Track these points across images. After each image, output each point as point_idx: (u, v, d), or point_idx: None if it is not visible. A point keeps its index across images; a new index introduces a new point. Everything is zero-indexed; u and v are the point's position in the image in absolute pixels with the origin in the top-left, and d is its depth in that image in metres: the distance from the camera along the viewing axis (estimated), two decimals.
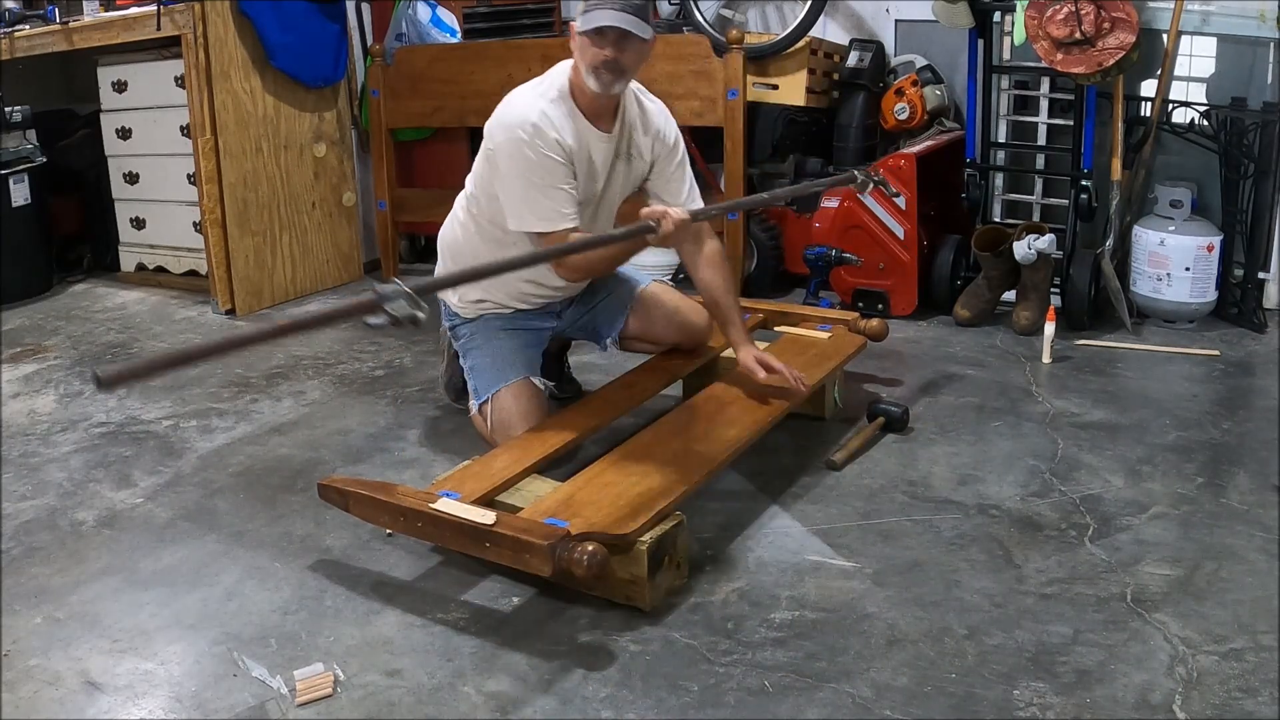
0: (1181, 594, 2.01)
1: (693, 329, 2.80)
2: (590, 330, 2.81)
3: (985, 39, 3.64)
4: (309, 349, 3.62)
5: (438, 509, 2.01)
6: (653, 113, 2.58)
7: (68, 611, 2.06)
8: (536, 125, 2.36)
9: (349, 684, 1.81)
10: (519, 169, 2.38)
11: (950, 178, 3.83)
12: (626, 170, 2.56)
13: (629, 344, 2.83)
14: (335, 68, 4.33)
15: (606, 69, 2.33)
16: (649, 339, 2.81)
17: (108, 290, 4.48)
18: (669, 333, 2.79)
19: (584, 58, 2.36)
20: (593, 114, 2.44)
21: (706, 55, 3.75)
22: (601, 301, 2.78)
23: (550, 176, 2.37)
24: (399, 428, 2.92)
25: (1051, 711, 1.69)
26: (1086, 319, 3.50)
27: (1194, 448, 2.64)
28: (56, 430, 2.98)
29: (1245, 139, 3.42)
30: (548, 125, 2.37)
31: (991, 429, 2.77)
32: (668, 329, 2.78)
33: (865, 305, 3.68)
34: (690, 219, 2.32)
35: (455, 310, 2.70)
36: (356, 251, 4.58)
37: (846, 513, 2.36)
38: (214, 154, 3.95)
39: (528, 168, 2.37)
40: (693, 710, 1.73)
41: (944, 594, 2.03)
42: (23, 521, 2.44)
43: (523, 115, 2.38)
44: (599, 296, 2.78)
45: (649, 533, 1.98)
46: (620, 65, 2.34)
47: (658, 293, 2.80)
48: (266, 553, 2.26)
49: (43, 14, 4.37)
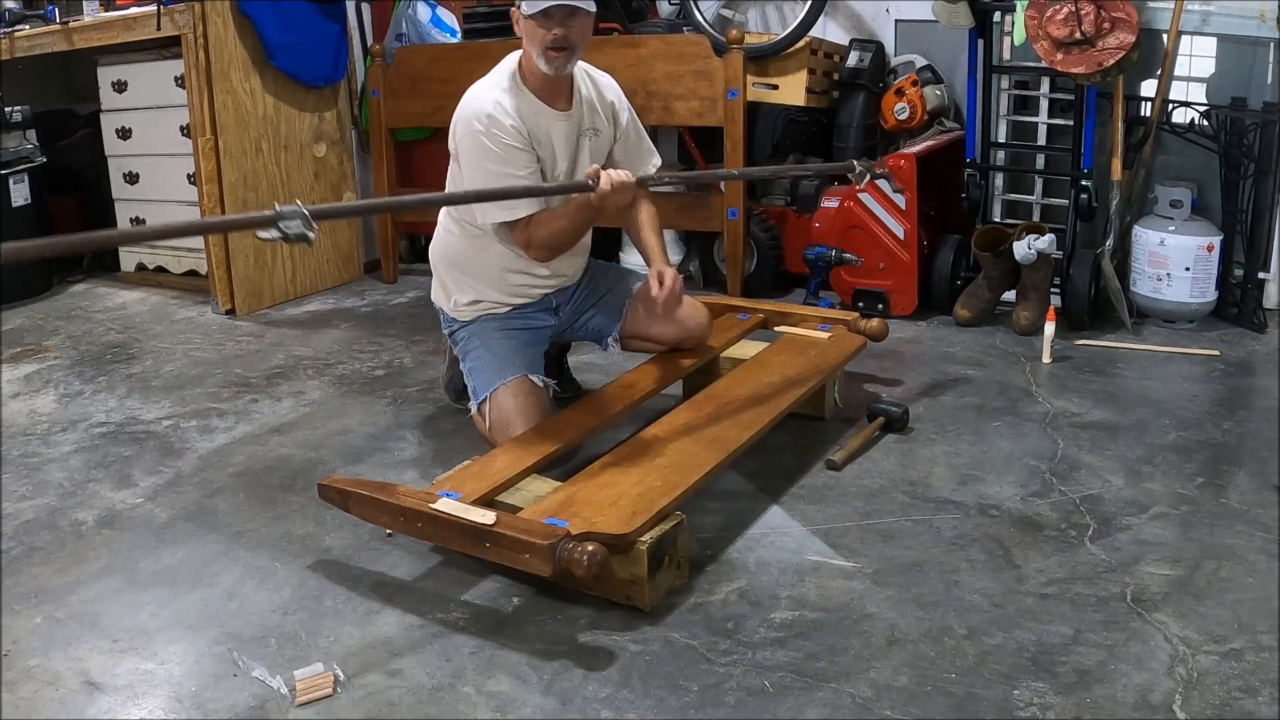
0: (1181, 594, 2.01)
1: (692, 328, 2.81)
2: (591, 330, 2.82)
3: (985, 39, 3.64)
4: (309, 349, 3.62)
5: (438, 509, 2.01)
6: (605, 85, 2.65)
7: (68, 611, 2.06)
8: (491, 115, 2.42)
9: (349, 684, 1.81)
10: (479, 161, 2.44)
11: (950, 178, 3.83)
12: (592, 146, 2.61)
13: (629, 343, 2.83)
14: (335, 68, 4.33)
15: (555, 48, 2.40)
16: (648, 338, 2.81)
17: (108, 290, 4.49)
18: (668, 330, 2.79)
19: (533, 41, 2.42)
20: (548, 96, 2.50)
21: (706, 55, 3.75)
22: (601, 300, 2.79)
23: (509, 165, 2.43)
24: (399, 428, 2.92)
25: (1051, 711, 1.69)
26: (1086, 319, 3.50)
27: (1194, 448, 2.64)
28: (56, 430, 2.98)
29: (1245, 139, 3.42)
30: (502, 114, 2.43)
31: (991, 429, 2.77)
32: (666, 327, 2.78)
33: (865, 305, 3.68)
34: (632, 182, 2.37)
35: (452, 315, 2.71)
36: (356, 251, 4.59)
37: (846, 513, 2.36)
38: (214, 154, 3.95)
39: (487, 158, 2.43)
40: (693, 710, 1.73)
41: (944, 594, 2.03)
42: (23, 521, 2.44)
43: (477, 108, 2.45)
44: (599, 294, 2.79)
45: (649, 533, 1.98)
46: (570, 41, 2.41)
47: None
48: (266, 553, 2.26)
49: (43, 14, 4.37)
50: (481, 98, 2.47)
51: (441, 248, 2.73)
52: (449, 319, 2.74)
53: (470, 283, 2.66)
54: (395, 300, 4.26)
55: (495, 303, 2.67)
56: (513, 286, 2.66)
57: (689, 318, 2.80)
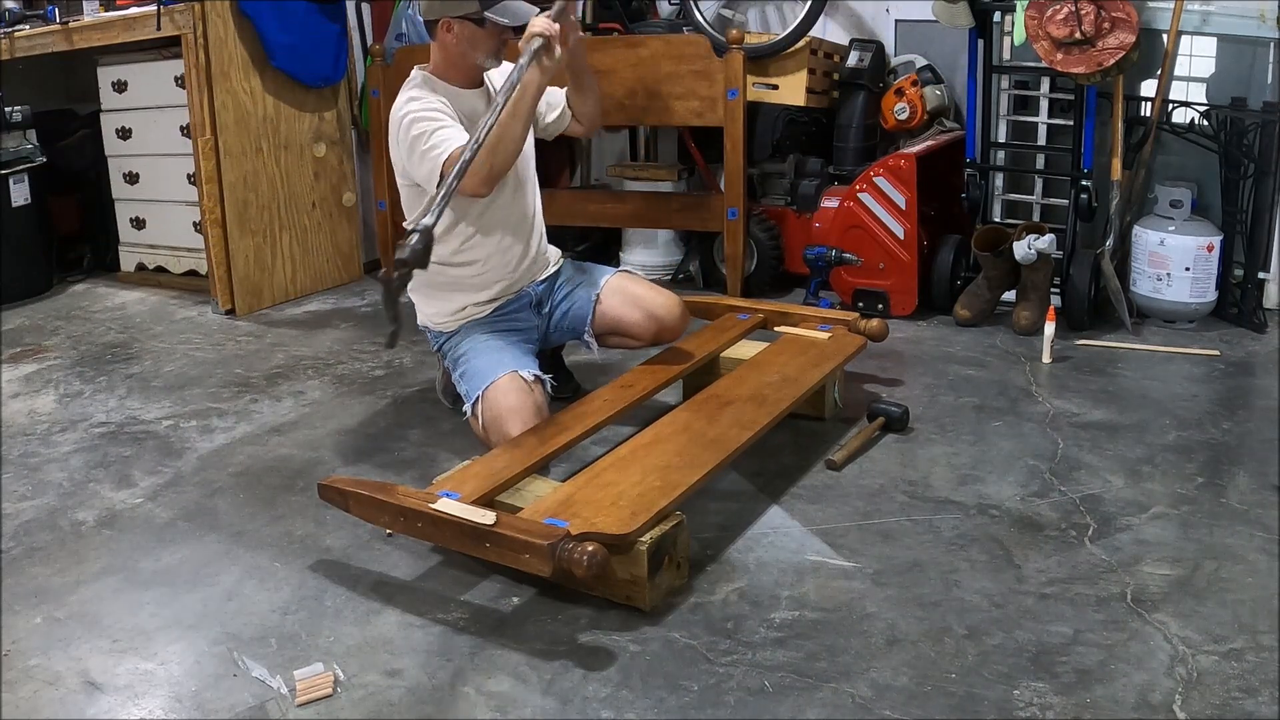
0: (1181, 594, 2.01)
1: (662, 315, 2.80)
2: (570, 328, 2.84)
3: (985, 39, 3.63)
4: (309, 349, 3.63)
5: (438, 509, 2.01)
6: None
7: (68, 611, 2.06)
8: (413, 96, 2.55)
9: (349, 684, 1.81)
10: (412, 133, 2.51)
11: (950, 178, 3.83)
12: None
13: (605, 340, 2.85)
14: (335, 68, 4.33)
15: (505, 48, 2.58)
16: (621, 331, 2.82)
17: (108, 290, 4.49)
18: (638, 320, 2.79)
19: (485, 45, 2.57)
20: (467, 83, 2.65)
21: (706, 55, 3.75)
22: (573, 291, 2.82)
23: (436, 120, 2.50)
24: (399, 428, 2.92)
25: (1051, 711, 1.69)
26: (1086, 319, 3.49)
27: (1194, 448, 2.64)
28: (56, 430, 2.98)
29: (1245, 139, 3.42)
30: (423, 94, 2.56)
31: (991, 429, 2.77)
32: (635, 315, 2.79)
33: (865, 305, 3.68)
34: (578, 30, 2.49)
35: (437, 330, 2.74)
36: (356, 251, 4.59)
37: (846, 513, 2.36)
38: (214, 154, 3.95)
39: (417, 122, 2.50)
40: (693, 710, 1.73)
41: (944, 594, 2.03)
42: (23, 521, 2.44)
43: (398, 104, 2.58)
44: (573, 284, 2.83)
45: (649, 533, 1.98)
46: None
47: (624, 281, 2.85)
48: (266, 553, 2.26)
49: (43, 14, 4.37)
50: (400, 100, 2.59)
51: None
52: (435, 334, 2.78)
53: (447, 294, 2.70)
54: None
55: (476, 305, 2.70)
56: (485, 275, 2.70)
57: (660, 306, 2.80)
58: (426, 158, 2.48)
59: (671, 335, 2.85)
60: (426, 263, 2.13)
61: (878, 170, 3.60)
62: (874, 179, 3.60)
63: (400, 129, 2.54)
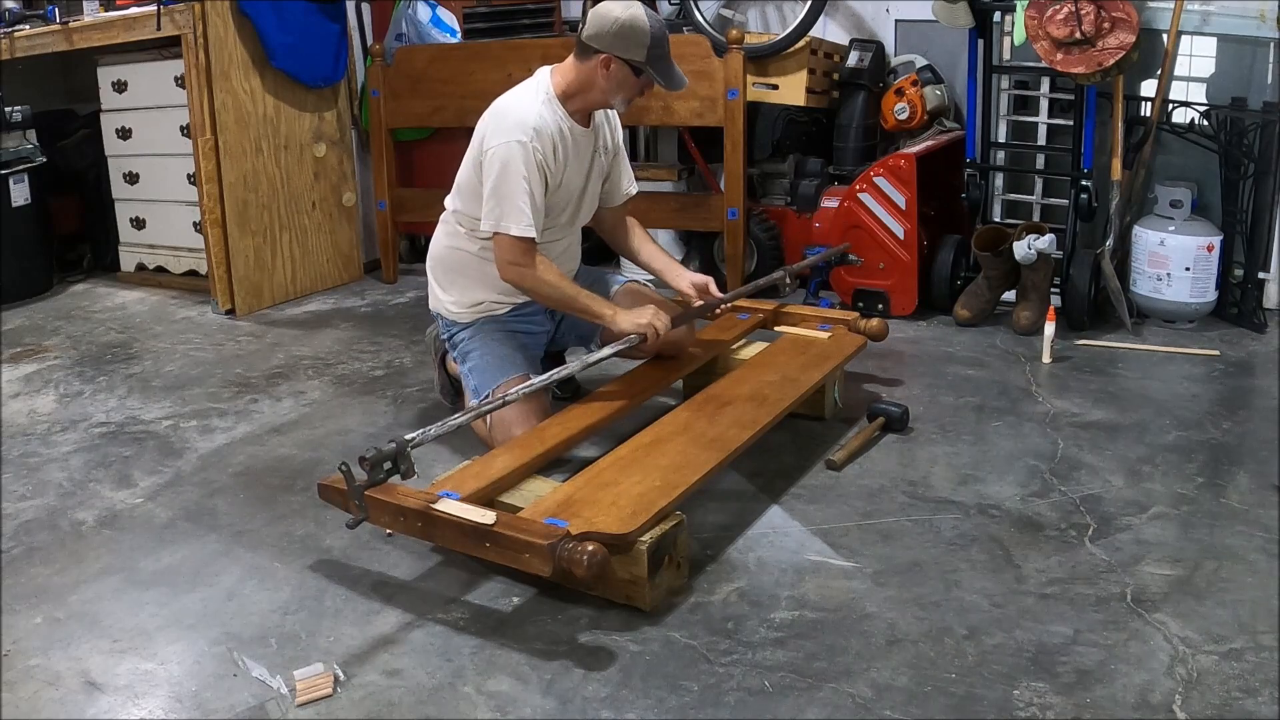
0: (1181, 594, 2.01)
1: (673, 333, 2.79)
2: (579, 336, 2.86)
3: (985, 39, 3.64)
4: (309, 349, 3.63)
5: (438, 509, 2.01)
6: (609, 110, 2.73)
7: (68, 611, 2.06)
8: (537, 129, 2.49)
9: (349, 684, 1.81)
10: (511, 171, 2.47)
11: (950, 178, 3.83)
12: (602, 162, 2.72)
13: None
14: (335, 68, 4.33)
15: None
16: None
17: (108, 290, 4.49)
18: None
19: (623, 88, 2.54)
20: (581, 117, 2.61)
21: (706, 55, 3.75)
22: None
23: (533, 184, 2.49)
24: (399, 428, 2.92)
25: (1051, 711, 1.69)
26: (1086, 319, 3.50)
27: (1194, 448, 2.64)
28: (56, 430, 2.98)
29: (1245, 139, 3.42)
30: (544, 126, 2.51)
31: (991, 429, 2.77)
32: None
33: (865, 305, 3.68)
34: (670, 326, 2.61)
35: (451, 318, 2.72)
36: (356, 251, 4.59)
37: (846, 513, 2.36)
38: (214, 154, 3.95)
39: (519, 169, 2.46)
40: (693, 710, 1.73)
41: (944, 594, 2.03)
42: (23, 521, 2.44)
43: (522, 118, 2.49)
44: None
45: (649, 533, 1.98)
46: None
47: (634, 290, 2.86)
48: (266, 553, 2.26)
49: (43, 14, 4.37)
50: (526, 109, 2.51)
51: (441, 253, 2.75)
52: (448, 323, 2.76)
53: (469, 285, 2.69)
54: (395, 300, 4.26)
55: (495, 302, 2.69)
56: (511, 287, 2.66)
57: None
58: (494, 209, 2.49)
59: (677, 350, 2.85)
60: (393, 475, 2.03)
61: (878, 170, 3.60)
62: (874, 179, 3.60)
63: (494, 155, 2.48)
